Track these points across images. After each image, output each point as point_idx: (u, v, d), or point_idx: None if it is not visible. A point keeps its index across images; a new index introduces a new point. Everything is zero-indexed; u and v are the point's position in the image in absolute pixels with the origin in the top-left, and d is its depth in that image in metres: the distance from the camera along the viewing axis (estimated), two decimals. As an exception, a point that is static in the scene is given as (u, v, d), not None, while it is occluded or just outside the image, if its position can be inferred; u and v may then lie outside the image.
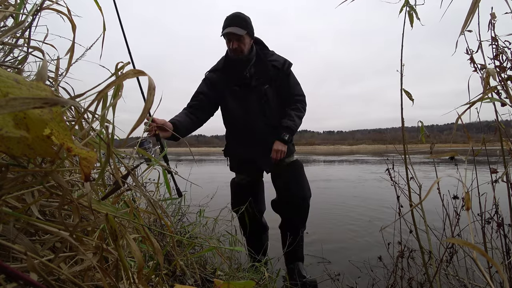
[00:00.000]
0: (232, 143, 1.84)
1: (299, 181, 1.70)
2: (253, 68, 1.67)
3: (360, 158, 15.36)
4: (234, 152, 1.83)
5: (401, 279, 1.04)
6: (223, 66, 1.72)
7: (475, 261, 0.51)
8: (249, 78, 1.66)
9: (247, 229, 1.78)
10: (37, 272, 0.33)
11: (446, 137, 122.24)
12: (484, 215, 0.96)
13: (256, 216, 1.79)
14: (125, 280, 0.52)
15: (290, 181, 1.69)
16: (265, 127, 1.68)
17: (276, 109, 1.70)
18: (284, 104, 1.72)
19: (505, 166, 0.85)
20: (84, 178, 0.35)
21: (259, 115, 1.67)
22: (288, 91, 1.70)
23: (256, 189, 1.85)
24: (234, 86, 1.68)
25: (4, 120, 0.26)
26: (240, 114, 1.69)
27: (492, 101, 0.65)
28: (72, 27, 0.65)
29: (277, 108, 1.70)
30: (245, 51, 1.61)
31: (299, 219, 1.71)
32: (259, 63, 1.68)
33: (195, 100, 1.70)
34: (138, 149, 0.70)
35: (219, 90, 1.71)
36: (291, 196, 1.67)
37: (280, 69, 1.66)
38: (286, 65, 1.68)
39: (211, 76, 1.74)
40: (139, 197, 1.14)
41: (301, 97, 1.74)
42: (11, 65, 0.70)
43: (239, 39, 1.56)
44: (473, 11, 0.51)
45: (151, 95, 0.39)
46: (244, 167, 1.80)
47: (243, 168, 1.81)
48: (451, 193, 1.09)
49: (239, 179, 1.86)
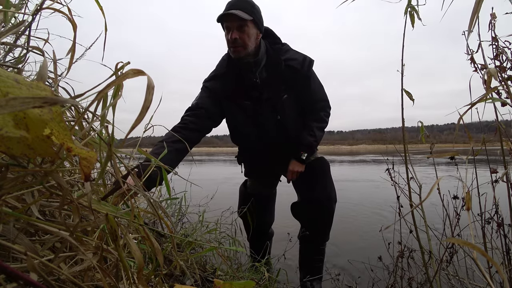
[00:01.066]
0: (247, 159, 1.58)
1: (325, 181, 1.43)
2: (264, 72, 1.33)
3: (363, 159, 15.38)
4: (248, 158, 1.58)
5: (401, 279, 1.04)
6: (225, 71, 1.35)
7: (475, 261, 0.51)
8: (260, 86, 1.33)
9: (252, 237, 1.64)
10: (37, 272, 0.33)
11: (446, 137, 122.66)
12: (484, 215, 0.96)
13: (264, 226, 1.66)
14: (125, 280, 0.52)
15: (315, 181, 1.43)
16: (285, 144, 1.42)
17: (296, 120, 1.41)
18: (304, 111, 1.43)
19: (505, 166, 0.85)
20: (84, 178, 0.35)
21: (276, 133, 1.39)
22: (309, 98, 1.38)
23: (268, 200, 1.68)
24: (241, 99, 1.36)
25: (4, 120, 0.26)
26: (252, 132, 1.40)
27: (493, 102, 0.65)
28: (72, 26, 0.65)
29: (297, 117, 1.41)
30: (249, 46, 1.23)
31: (322, 226, 1.43)
32: (272, 65, 1.32)
33: (192, 115, 1.30)
34: (139, 149, 0.70)
35: (223, 103, 1.37)
36: (314, 199, 1.39)
37: (299, 70, 1.32)
38: (306, 65, 1.32)
39: (211, 86, 1.36)
40: (139, 197, 1.14)
41: (325, 102, 1.43)
42: (11, 65, 0.70)
43: (241, 27, 1.18)
44: (477, 11, 0.51)
45: (150, 94, 0.39)
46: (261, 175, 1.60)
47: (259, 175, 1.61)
48: (451, 193, 1.09)
49: (252, 190, 1.65)
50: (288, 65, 1.32)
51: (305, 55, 1.35)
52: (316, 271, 1.45)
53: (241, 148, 1.58)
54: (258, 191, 1.62)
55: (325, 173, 1.46)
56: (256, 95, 1.34)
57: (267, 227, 1.71)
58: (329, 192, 1.40)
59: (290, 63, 1.32)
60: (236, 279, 1.17)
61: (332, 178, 1.45)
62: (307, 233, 1.43)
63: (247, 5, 1.18)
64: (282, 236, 1.98)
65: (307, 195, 1.43)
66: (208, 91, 1.36)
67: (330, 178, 1.45)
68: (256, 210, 1.60)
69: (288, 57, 1.33)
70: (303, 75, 1.33)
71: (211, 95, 1.35)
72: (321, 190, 1.40)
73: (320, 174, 1.45)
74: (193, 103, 1.35)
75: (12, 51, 0.72)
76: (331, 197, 1.40)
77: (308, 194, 1.43)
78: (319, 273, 1.46)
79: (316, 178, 1.44)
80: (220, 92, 1.35)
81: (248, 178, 1.67)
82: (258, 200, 1.61)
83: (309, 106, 1.40)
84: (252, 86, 1.33)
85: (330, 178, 1.45)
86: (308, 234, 1.42)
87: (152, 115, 1.16)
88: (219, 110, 1.37)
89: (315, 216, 1.41)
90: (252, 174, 1.62)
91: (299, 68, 1.31)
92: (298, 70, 1.31)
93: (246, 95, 1.35)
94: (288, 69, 1.31)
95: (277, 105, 1.34)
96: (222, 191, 2.13)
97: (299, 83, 1.34)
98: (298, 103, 1.39)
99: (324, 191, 1.40)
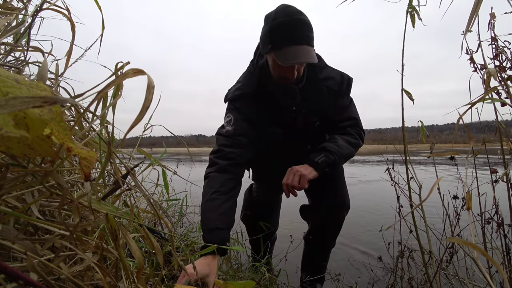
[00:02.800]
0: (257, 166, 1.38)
1: (340, 186, 1.29)
2: (299, 95, 1.12)
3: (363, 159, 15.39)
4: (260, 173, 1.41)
5: (401, 279, 1.04)
6: (256, 91, 1.13)
7: (475, 261, 0.51)
8: (294, 112, 1.14)
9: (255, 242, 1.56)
10: (37, 272, 0.33)
11: (446, 137, 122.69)
12: (484, 215, 0.96)
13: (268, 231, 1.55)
14: (124, 279, 0.52)
15: (329, 185, 1.27)
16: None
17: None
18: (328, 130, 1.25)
19: (505, 166, 0.85)
20: (84, 178, 0.35)
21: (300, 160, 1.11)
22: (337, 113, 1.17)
23: (274, 206, 1.58)
24: (273, 125, 1.16)
25: (4, 120, 0.26)
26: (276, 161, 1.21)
27: (493, 102, 0.65)
28: (71, 26, 0.65)
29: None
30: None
31: (332, 233, 1.32)
32: (310, 87, 1.12)
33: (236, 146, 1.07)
34: (138, 149, 0.70)
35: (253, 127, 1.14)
36: (330, 205, 1.26)
37: (337, 92, 1.12)
38: (344, 86, 1.13)
39: (242, 107, 1.12)
40: (138, 197, 1.14)
41: (355, 121, 1.21)
42: (11, 65, 0.70)
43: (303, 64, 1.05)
44: (476, 11, 0.51)
45: (150, 94, 0.39)
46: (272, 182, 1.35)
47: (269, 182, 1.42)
48: (451, 193, 1.09)
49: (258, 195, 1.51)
50: (326, 86, 1.12)
51: (343, 73, 1.14)
52: (321, 274, 1.40)
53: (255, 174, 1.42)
54: (264, 198, 1.50)
55: (339, 177, 1.31)
56: (289, 121, 1.16)
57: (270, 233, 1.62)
58: (344, 199, 1.27)
59: (327, 83, 1.12)
60: (236, 279, 1.17)
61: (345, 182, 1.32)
62: (310, 237, 1.38)
63: (311, 34, 0.98)
64: (284, 238, 1.98)
65: (321, 200, 1.29)
66: (242, 114, 1.12)
67: (344, 183, 1.31)
68: (260, 217, 1.51)
69: (325, 76, 1.12)
70: (340, 95, 1.13)
71: (246, 118, 1.12)
72: (336, 196, 1.26)
73: (335, 178, 1.29)
74: (229, 129, 1.10)
75: (13, 51, 0.72)
76: (346, 204, 1.27)
77: (322, 199, 1.29)
78: (322, 277, 1.41)
79: (330, 183, 1.28)
80: (249, 112, 1.12)
81: (254, 183, 1.53)
82: (263, 207, 1.52)
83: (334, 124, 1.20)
84: (287, 112, 1.14)
85: (344, 183, 1.31)
86: (315, 238, 1.34)
87: (151, 115, 1.16)
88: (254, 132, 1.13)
89: (327, 223, 1.30)
90: (260, 180, 1.47)
91: (337, 89, 1.11)
92: (336, 92, 1.12)
93: (277, 121, 1.16)
94: (327, 90, 1.12)
95: (309, 133, 1.19)
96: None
97: (335, 106, 1.15)
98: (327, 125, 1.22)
99: (339, 198, 1.26)
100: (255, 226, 1.50)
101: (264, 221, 1.51)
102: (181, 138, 1.36)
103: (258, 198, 1.50)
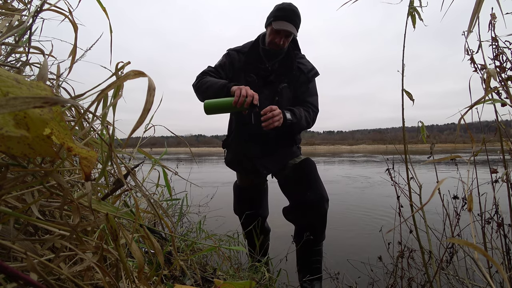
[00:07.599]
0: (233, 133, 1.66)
1: (315, 181, 1.46)
2: (277, 64, 1.55)
3: (364, 159, 15.37)
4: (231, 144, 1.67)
5: (401, 279, 1.04)
6: (248, 51, 1.58)
7: (475, 261, 0.51)
8: (269, 71, 1.54)
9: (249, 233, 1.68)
10: (37, 272, 0.33)
11: (446, 137, 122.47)
12: (484, 215, 0.96)
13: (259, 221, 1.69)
14: (124, 279, 0.52)
15: (304, 183, 1.46)
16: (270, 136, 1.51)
17: None
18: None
19: (505, 166, 0.85)
20: (85, 178, 0.35)
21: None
22: (303, 97, 1.56)
23: (260, 193, 1.75)
24: (251, 73, 1.55)
25: (4, 120, 0.26)
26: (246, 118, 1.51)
27: (493, 102, 0.65)
28: (73, 27, 0.65)
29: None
30: (285, 48, 1.51)
31: (319, 227, 1.45)
32: (286, 61, 1.55)
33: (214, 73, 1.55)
34: (139, 149, 0.70)
35: (235, 71, 1.59)
36: (306, 201, 1.41)
37: (304, 73, 1.54)
38: (311, 72, 1.56)
39: (233, 55, 1.60)
40: (138, 198, 1.14)
41: (315, 108, 1.56)
42: (12, 65, 0.70)
43: (287, 36, 1.45)
44: (477, 11, 0.51)
45: (151, 96, 0.39)
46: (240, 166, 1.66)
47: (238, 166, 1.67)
48: (451, 193, 1.09)
49: (242, 183, 1.75)
50: (298, 66, 1.55)
51: (314, 67, 1.59)
52: (315, 272, 1.46)
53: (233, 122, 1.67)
54: (247, 184, 1.73)
55: (313, 174, 1.49)
56: (264, 75, 1.54)
57: (263, 220, 1.75)
58: (321, 192, 1.43)
59: (300, 66, 1.56)
60: (236, 279, 1.17)
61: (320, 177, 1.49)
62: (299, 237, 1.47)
63: (298, 21, 1.44)
64: (284, 238, 1.98)
65: (299, 198, 1.45)
66: (230, 58, 1.60)
67: (319, 177, 1.49)
68: (247, 202, 1.71)
69: (301, 61, 1.58)
70: (305, 78, 1.55)
71: (231, 62, 1.59)
72: (312, 191, 1.42)
73: (308, 175, 1.48)
74: (216, 64, 1.60)
75: (13, 52, 0.72)
76: (323, 197, 1.42)
77: (300, 197, 1.45)
78: (318, 273, 1.48)
79: (306, 180, 1.46)
80: (236, 61, 1.59)
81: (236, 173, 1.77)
82: (248, 192, 1.73)
83: (300, 104, 1.56)
84: (263, 69, 1.55)
85: (319, 178, 1.48)
86: (308, 237, 1.43)
87: (153, 116, 1.16)
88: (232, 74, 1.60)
89: (310, 219, 1.44)
90: (231, 163, 1.70)
91: (305, 71, 1.55)
92: (304, 73, 1.55)
93: (255, 72, 1.55)
94: (297, 69, 1.55)
95: (276, 89, 1.53)
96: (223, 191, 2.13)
97: (300, 83, 1.55)
98: (293, 99, 1.56)
99: (316, 192, 1.42)
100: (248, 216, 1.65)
101: (254, 206, 1.69)
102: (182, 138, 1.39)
103: (242, 184, 1.75)
